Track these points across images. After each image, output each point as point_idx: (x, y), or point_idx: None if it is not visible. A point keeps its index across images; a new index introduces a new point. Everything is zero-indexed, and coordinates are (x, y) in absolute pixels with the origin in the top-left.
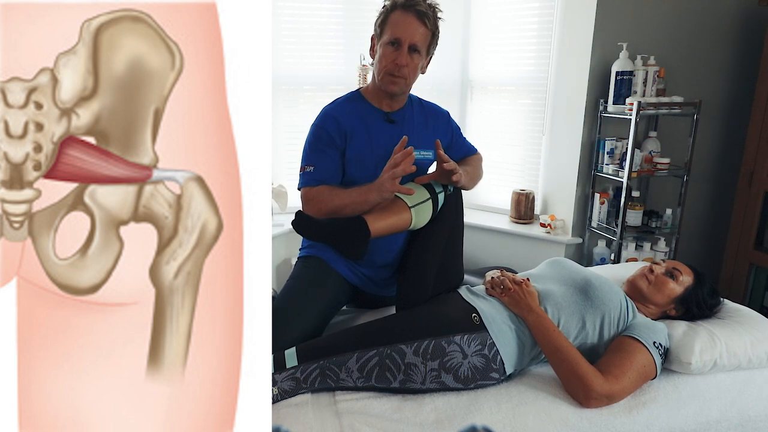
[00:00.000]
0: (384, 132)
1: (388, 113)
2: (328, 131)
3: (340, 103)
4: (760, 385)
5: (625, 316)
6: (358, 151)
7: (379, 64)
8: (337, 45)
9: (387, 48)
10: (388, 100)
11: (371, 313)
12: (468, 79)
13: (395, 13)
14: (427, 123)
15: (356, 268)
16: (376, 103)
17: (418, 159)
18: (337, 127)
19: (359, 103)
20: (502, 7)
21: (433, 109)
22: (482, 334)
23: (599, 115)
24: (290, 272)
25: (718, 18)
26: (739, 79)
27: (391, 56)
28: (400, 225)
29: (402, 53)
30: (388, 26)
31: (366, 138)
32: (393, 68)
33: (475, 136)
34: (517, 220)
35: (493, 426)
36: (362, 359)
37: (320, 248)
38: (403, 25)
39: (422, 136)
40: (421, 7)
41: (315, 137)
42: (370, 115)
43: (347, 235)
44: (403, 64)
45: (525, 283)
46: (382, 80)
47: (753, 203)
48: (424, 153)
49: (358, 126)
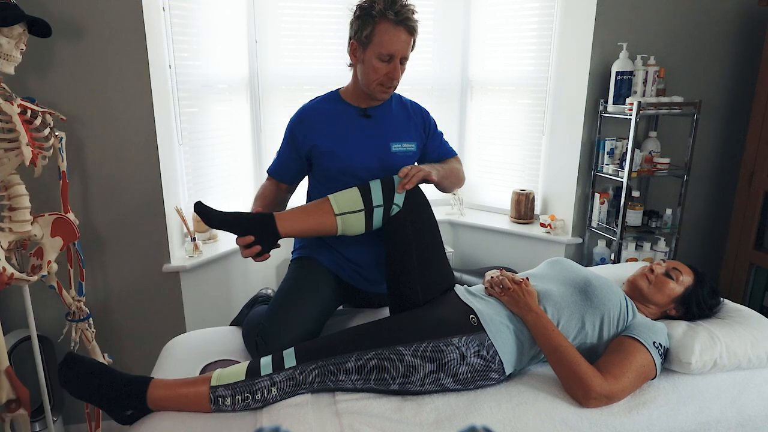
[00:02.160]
0: (358, 126)
1: (365, 109)
2: (294, 134)
3: (316, 103)
4: (760, 385)
5: (625, 316)
6: (329, 146)
7: (370, 76)
8: (337, 45)
9: (378, 63)
10: (369, 101)
11: (369, 313)
12: (468, 79)
13: (384, 25)
14: (409, 117)
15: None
16: (353, 102)
17: (400, 151)
18: (304, 132)
19: (335, 103)
20: (502, 7)
21: (414, 105)
22: (480, 335)
23: (599, 115)
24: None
25: (718, 18)
26: (739, 79)
27: (383, 70)
28: (322, 229)
29: (395, 67)
30: (378, 39)
31: (338, 133)
32: (386, 81)
33: (475, 137)
34: (517, 220)
35: (493, 426)
36: (361, 360)
37: (313, 249)
38: (395, 42)
39: (403, 129)
40: (411, 22)
41: (285, 135)
42: (345, 113)
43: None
44: (397, 78)
45: (524, 282)
46: (374, 90)
47: (753, 203)
48: (406, 145)
49: (330, 124)
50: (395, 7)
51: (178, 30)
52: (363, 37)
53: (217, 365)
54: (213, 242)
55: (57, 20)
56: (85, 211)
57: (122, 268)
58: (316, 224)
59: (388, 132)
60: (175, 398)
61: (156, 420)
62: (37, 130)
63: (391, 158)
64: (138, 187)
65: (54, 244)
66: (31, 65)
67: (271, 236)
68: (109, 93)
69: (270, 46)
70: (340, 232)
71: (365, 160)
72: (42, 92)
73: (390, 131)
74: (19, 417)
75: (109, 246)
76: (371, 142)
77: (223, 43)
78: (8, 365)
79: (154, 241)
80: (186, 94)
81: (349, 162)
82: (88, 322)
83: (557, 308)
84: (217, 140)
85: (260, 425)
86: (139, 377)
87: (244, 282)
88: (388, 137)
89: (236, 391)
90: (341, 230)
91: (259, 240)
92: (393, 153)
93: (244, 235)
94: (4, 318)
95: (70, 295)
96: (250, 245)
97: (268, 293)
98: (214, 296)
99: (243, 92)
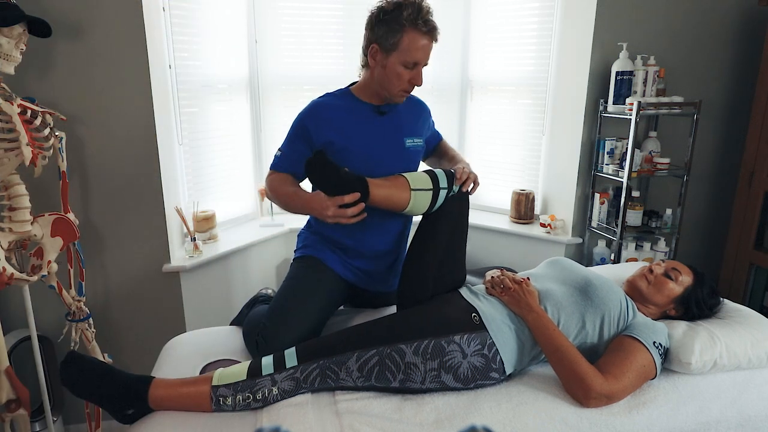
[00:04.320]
0: (373, 123)
1: (379, 106)
2: (306, 126)
3: (329, 98)
4: (760, 385)
5: (625, 315)
6: (344, 143)
7: (393, 82)
8: (337, 45)
9: (403, 69)
10: (381, 99)
11: (369, 312)
12: (468, 79)
13: (413, 33)
14: (415, 112)
15: (350, 263)
16: (366, 99)
17: (413, 147)
18: (317, 123)
19: (348, 99)
20: (502, 7)
21: (419, 101)
22: (482, 334)
23: (599, 115)
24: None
25: (718, 18)
26: (739, 79)
27: (407, 76)
28: (397, 202)
29: (419, 73)
30: (405, 47)
31: (353, 130)
32: (409, 87)
33: (475, 137)
34: (517, 220)
35: (493, 426)
36: (362, 359)
37: (315, 248)
38: (423, 50)
39: (414, 125)
40: (437, 32)
41: (294, 127)
42: (358, 109)
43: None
44: (420, 84)
45: (525, 282)
46: (395, 95)
47: (753, 203)
48: (416, 140)
49: (344, 120)
50: (423, 15)
51: (178, 30)
52: (389, 44)
53: (217, 365)
54: (213, 242)
55: (57, 20)
56: (85, 211)
57: (122, 268)
58: (395, 196)
59: (402, 128)
60: (176, 398)
61: (157, 419)
62: (37, 130)
63: (405, 153)
64: (138, 187)
65: (54, 244)
66: (31, 65)
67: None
68: (109, 93)
69: (270, 46)
70: (408, 209)
71: (381, 155)
72: (42, 92)
73: (404, 127)
74: (19, 417)
75: (109, 246)
76: (387, 138)
77: (223, 43)
78: (8, 365)
79: (154, 241)
80: (186, 94)
81: (364, 158)
82: (88, 322)
83: (558, 308)
84: (217, 140)
85: (260, 425)
86: (140, 376)
87: (244, 282)
88: (403, 133)
89: (237, 390)
90: (410, 206)
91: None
92: (407, 148)
93: (351, 192)
94: (4, 318)
95: (70, 295)
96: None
97: (268, 293)
98: (214, 296)
99: (243, 92)
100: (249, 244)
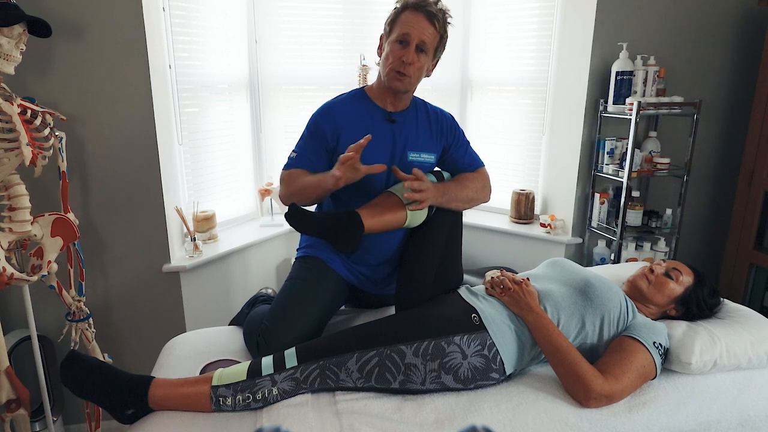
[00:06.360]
0: (383, 130)
1: (391, 113)
2: (320, 126)
3: (342, 100)
4: (760, 385)
5: (625, 316)
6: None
7: (386, 61)
8: (337, 45)
9: (395, 45)
10: (392, 99)
11: (370, 313)
12: (468, 79)
13: (406, 12)
14: (431, 127)
15: (354, 267)
16: (379, 102)
17: (418, 162)
18: (332, 124)
19: (362, 101)
20: (502, 7)
21: (439, 113)
22: (482, 335)
23: (599, 115)
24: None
25: (718, 18)
26: (739, 79)
27: (398, 53)
28: (395, 223)
29: (409, 51)
30: (398, 25)
31: (361, 136)
32: (399, 65)
33: (475, 137)
34: (517, 220)
35: (493, 426)
36: (362, 360)
37: (318, 248)
38: (412, 24)
39: (424, 140)
40: (432, 9)
41: (308, 128)
42: (371, 113)
43: (341, 228)
44: (409, 61)
45: (525, 282)
46: (388, 76)
47: (753, 203)
48: (425, 156)
49: (356, 123)
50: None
51: (178, 30)
52: (387, 27)
53: (217, 365)
54: (213, 242)
55: (57, 20)
56: (85, 211)
57: (122, 268)
58: (388, 218)
59: (408, 140)
60: (176, 397)
61: (157, 419)
62: (37, 130)
63: (406, 167)
64: (138, 187)
65: (54, 244)
66: (31, 65)
67: (359, 232)
68: (109, 93)
69: (270, 46)
70: (407, 224)
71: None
72: (42, 92)
73: (410, 140)
74: (19, 417)
75: (109, 246)
76: (390, 148)
77: (223, 43)
78: (8, 365)
79: (154, 241)
80: (186, 94)
81: (364, 164)
82: (88, 322)
83: (557, 308)
84: (217, 140)
85: (260, 425)
86: (140, 376)
87: (244, 282)
88: (408, 146)
89: (237, 390)
90: (408, 222)
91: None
92: (409, 162)
93: (349, 228)
94: (4, 318)
95: (70, 295)
96: (351, 235)
97: (268, 293)
98: (214, 296)
99: (243, 92)
100: (249, 244)
